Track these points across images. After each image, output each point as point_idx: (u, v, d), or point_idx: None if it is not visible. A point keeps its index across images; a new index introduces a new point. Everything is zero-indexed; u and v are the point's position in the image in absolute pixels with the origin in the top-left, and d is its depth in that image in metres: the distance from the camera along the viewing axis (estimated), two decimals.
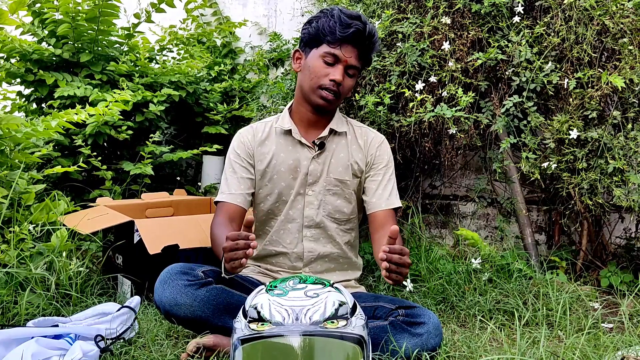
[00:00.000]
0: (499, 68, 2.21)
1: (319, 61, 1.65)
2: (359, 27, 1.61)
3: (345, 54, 1.64)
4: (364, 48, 1.66)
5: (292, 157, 1.73)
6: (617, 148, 2.02)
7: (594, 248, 2.38)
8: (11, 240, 1.82)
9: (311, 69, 1.67)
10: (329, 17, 1.64)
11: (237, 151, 1.77)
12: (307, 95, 1.70)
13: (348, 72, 1.67)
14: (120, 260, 2.04)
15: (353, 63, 1.66)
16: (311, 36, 1.68)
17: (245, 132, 1.80)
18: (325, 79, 1.65)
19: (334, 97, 1.66)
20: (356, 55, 1.66)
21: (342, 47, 1.63)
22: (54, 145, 2.44)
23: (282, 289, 1.26)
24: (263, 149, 1.75)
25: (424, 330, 1.46)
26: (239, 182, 1.74)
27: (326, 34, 1.63)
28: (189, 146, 3.22)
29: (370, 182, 1.79)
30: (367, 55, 1.70)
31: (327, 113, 1.74)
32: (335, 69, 1.64)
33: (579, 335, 1.60)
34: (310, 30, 1.68)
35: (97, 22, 2.58)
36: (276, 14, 3.57)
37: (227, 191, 1.73)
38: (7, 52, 2.59)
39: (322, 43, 1.65)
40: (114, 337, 1.51)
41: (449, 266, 2.11)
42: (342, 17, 1.62)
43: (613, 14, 2.04)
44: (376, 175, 1.79)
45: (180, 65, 2.97)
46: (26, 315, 1.65)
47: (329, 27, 1.63)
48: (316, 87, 1.66)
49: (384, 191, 1.77)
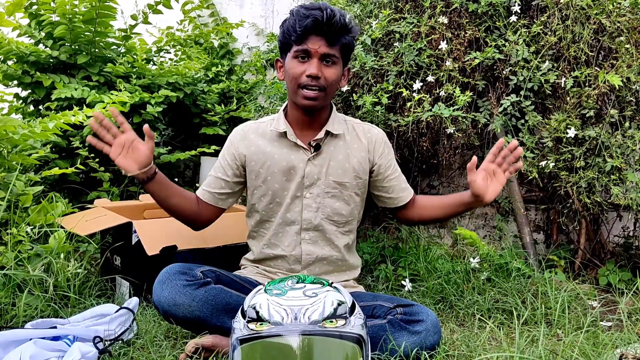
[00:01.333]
0: (496, 67, 2.22)
1: (293, 62, 1.63)
2: (316, 16, 1.57)
3: (312, 45, 1.59)
4: (330, 34, 1.60)
5: (286, 159, 1.71)
6: (614, 146, 2.02)
7: (592, 247, 2.39)
8: (9, 242, 1.82)
9: (289, 71, 1.65)
10: (291, 17, 1.63)
11: (225, 150, 1.79)
12: (293, 99, 1.68)
13: (325, 61, 1.62)
14: (119, 262, 2.04)
15: (325, 51, 1.60)
16: (281, 42, 1.67)
17: (236, 133, 1.79)
18: (303, 77, 1.61)
19: (318, 92, 1.62)
20: (324, 43, 1.60)
21: (308, 40, 1.59)
22: (52, 147, 2.44)
23: (280, 289, 1.26)
24: (256, 149, 1.74)
25: (422, 327, 1.46)
26: (210, 180, 1.79)
27: (291, 34, 1.61)
28: (187, 147, 3.22)
29: (390, 180, 1.80)
30: (338, 39, 1.62)
31: (319, 111, 1.70)
32: (310, 64, 1.61)
33: (578, 334, 1.60)
34: (280, 37, 1.68)
35: (94, 24, 2.58)
36: (273, 15, 3.57)
37: (203, 186, 1.80)
38: (4, 54, 2.58)
39: (291, 45, 1.63)
40: (113, 339, 1.51)
41: (447, 266, 2.11)
42: (301, 11, 1.60)
43: (610, 12, 2.05)
44: (392, 173, 1.80)
45: (177, 66, 2.97)
46: (24, 317, 1.65)
47: (291, 27, 1.61)
48: (297, 87, 1.63)
49: (403, 184, 1.83)
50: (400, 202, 1.82)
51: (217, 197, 1.77)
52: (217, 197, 1.78)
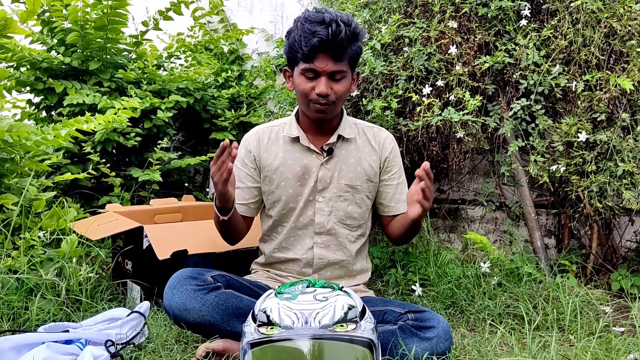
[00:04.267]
0: (506, 71, 2.21)
1: (301, 78, 1.62)
2: (321, 36, 1.53)
3: (319, 65, 1.57)
4: (336, 51, 1.57)
5: (299, 164, 1.72)
6: (626, 150, 2.01)
7: (604, 251, 2.37)
8: (22, 246, 1.84)
9: (298, 87, 1.64)
10: (296, 30, 1.60)
11: (244, 159, 1.77)
12: (304, 110, 1.70)
13: (335, 77, 1.61)
14: (130, 266, 2.05)
15: (332, 69, 1.58)
16: (288, 55, 1.66)
17: (251, 139, 1.78)
18: (312, 94, 1.61)
19: (327, 107, 1.63)
20: (332, 60, 1.58)
21: (315, 59, 1.57)
22: (64, 153, 2.46)
23: (291, 293, 1.26)
24: (269, 155, 1.75)
25: (433, 334, 1.45)
26: (243, 193, 1.76)
27: (297, 50, 1.58)
28: (197, 152, 3.23)
29: (385, 186, 1.80)
30: (346, 53, 1.59)
31: (329, 121, 1.72)
32: (319, 82, 1.59)
33: (590, 339, 1.59)
34: (286, 49, 1.66)
35: (106, 31, 2.61)
36: (283, 20, 3.58)
37: (238, 201, 1.74)
38: (17, 61, 2.62)
39: (298, 60, 1.61)
40: (124, 342, 1.52)
41: (457, 270, 2.10)
42: (306, 27, 1.56)
43: (620, 16, 2.04)
44: (391, 179, 1.80)
45: (187, 72, 2.99)
46: (37, 321, 1.66)
47: (297, 43, 1.58)
48: (307, 103, 1.64)
49: (401, 195, 1.80)
50: (390, 212, 1.81)
51: (252, 207, 1.78)
52: (253, 207, 1.78)
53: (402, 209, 1.78)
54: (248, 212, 1.77)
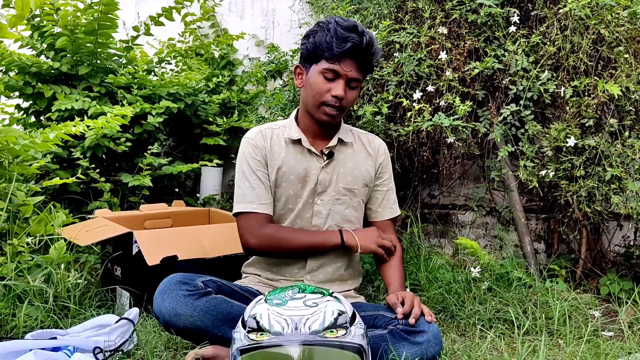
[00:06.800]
0: (495, 77, 2.22)
1: (319, 77, 1.64)
2: (356, 41, 1.58)
3: (345, 68, 1.61)
4: (363, 60, 1.63)
5: (301, 166, 1.72)
6: (614, 155, 2.02)
7: (593, 256, 2.38)
8: (9, 252, 1.82)
9: (312, 85, 1.65)
10: (325, 32, 1.61)
11: (256, 158, 1.72)
12: (311, 111, 1.70)
13: (350, 85, 1.65)
14: (119, 272, 2.03)
15: (354, 76, 1.63)
16: (310, 52, 1.66)
17: (256, 137, 1.75)
18: (328, 95, 1.63)
19: (337, 112, 1.66)
20: (356, 68, 1.63)
21: (341, 62, 1.60)
22: (52, 158, 2.45)
23: (281, 299, 1.25)
24: (273, 154, 1.74)
25: (423, 339, 1.46)
26: (266, 190, 1.71)
27: (324, 50, 1.61)
28: (188, 157, 3.22)
29: (376, 192, 1.82)
30: (368, 65, 1.68)
31: (332, 126, 1.74)
32: (337, 84, 1.63)
33: (579, 343, 1.60)
34: (308, 46, 1.66)
35: (96, 35, 2.60)
36: (274, 26, 3.59)
37: (257, 201, 1.69)
38: (6, 66, 2.60)
39: (320, 59, 1.63)
40: (113, 349, 1.50)
41: (448, 275, 2.11)
42: (339, 30, 1.59)
43: (608, 23, 2.06)
44: (382, 185, 1.82)
45: (178, 77, 2.98)
46: (24, 328, 1.65)
47: (326, 43, 1.60)
48: (319, 103, 1.65)
49: (388, 201, 1.83)
50: (376, 217, 1.83)
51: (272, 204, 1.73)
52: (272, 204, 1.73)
53: (388, 215, 1.83)
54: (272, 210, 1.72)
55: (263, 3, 3.61)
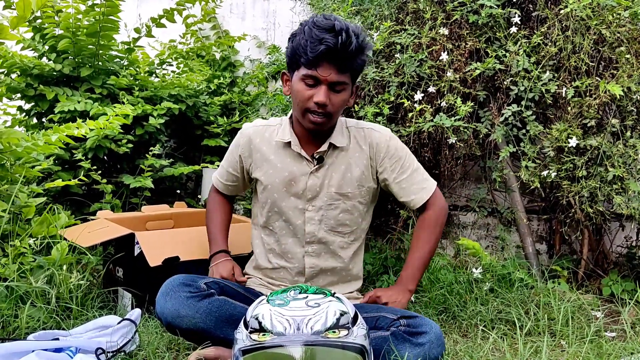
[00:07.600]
0: (497, 78, 2.22)
1: (300, 84, 1.56)
2: (329, 44, 1.47)
3: (322, 73, 1.52)
4: (341, 61, 1.52)
5: (288, 170, 1.69)
6: (616, 156, 2.02)
7: (595, 257, 2.38)
8: (11, 254, 1.82)
9: (295, 93, 1.59)
10: (302, 34, 1.54)
11: (233, 148, 1.82)
12: (299, 119, 1.65)
13: (335, 88, 1.55)
14: (121, 273, 2.04)
15: (334, 79, 1.53)
16: (289, 58, 1.60)
17: (245, 135, 1.77)
18: (310, 102, 1.56)
19: (324, 119, 1.58)
20: (335, 71, 1.52)
21: (318, 67, 1.51)
22: (54, 159, 2.45)
23: (283, 299, 1.25)
24: (260, 156, 1.73)
25: (425, 340, 1.45)
26: (226, 174, 1.87)
27: (300, 55, 1.52)
28: (189, 159, 3.23)
29: (396, 184, 1.72)
30: (350, 65, 1.55)
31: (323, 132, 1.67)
32: (318, 90, 1.54)
33: (582, 344, 1.60)
34: (288, 52, 1.60)
35: (98, 37, 2.60)
36: (275, 27, 3.59)
37: (219, 177, 1.90)
38: (8, 68, 2.60)
39: (300, 65, 1.55)
40: (115, 350, 1.50)
41: (450, 276, 2.10)
42: (314, 32, 1.49)
43: (610, 23, 2.06)
44: (400, 174, 1.72)
45: (179, 78, 2.98)
46: (27, 329, 1.65)
47: (302, 47, 1.51)
48: (304, 111, 1.59)
49: (415, 185, 1.73)
50: (412, 205, 1.75)
51: (231, 188, 1.90)
52: (232, 188, 1.90)
53: (425, 197, 1.73)
54: (227, 190, 1.91)
55: (264, 4, 3.62)
